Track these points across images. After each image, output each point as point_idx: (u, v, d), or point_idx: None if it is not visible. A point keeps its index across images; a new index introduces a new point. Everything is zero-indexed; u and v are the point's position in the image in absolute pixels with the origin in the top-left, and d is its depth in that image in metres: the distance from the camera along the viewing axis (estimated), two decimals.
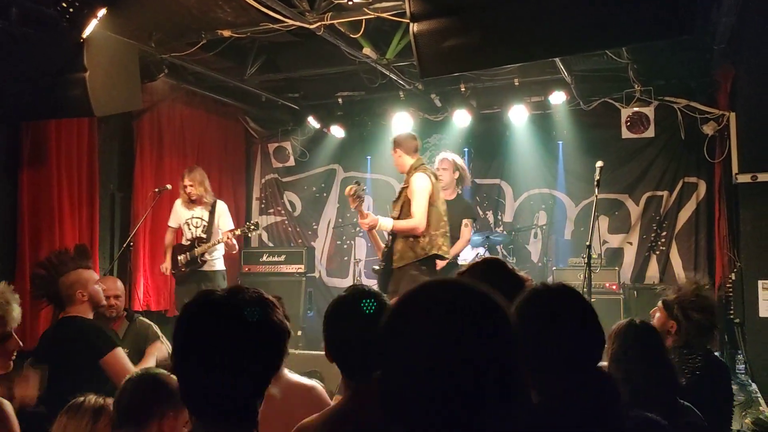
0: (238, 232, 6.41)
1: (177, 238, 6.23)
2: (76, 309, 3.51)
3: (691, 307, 3.12)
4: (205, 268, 6.04)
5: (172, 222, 6.20)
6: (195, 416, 1.38)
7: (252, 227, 6.30)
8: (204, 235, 6.09)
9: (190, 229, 6.13)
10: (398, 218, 4.90)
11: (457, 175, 6.04)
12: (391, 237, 4.98)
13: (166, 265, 6.17)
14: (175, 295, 6.34)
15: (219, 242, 6.06)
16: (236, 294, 1.41)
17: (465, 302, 1.04)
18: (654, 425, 1.85)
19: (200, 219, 6.14)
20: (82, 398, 2.29)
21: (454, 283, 1.12)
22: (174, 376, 2.17)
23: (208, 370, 1.33)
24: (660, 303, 3.30)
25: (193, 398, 1.38)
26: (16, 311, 2.42)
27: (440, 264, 5.08)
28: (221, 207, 6.26)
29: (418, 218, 4.79)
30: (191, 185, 6.06)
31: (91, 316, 3.56)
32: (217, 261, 6.14)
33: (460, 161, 6.16)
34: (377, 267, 5.09)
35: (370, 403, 1.66)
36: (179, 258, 6.05)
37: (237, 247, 6.36)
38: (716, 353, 3.46)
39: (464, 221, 5.94)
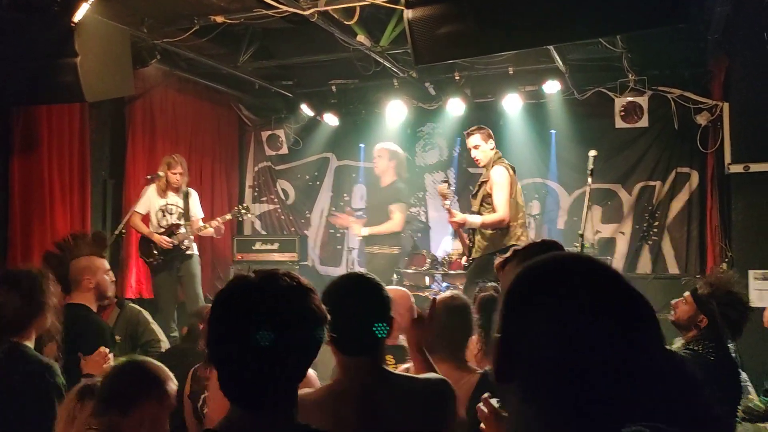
0: (228, 216, 6.50)
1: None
2: (82, 296, 3.47)
3: (728, 304, 3.06)
4: (187, 253, 6.10)
5: (141, 208, 6.06)
6: (233, 403, 1.38)
7: (243, 210, 6.39)
8: (180, 222, 6.09)
9: (165, 216, 6.10)
10: (478, 212, 5.11)
11: (394, 163, 6.33)
12: (471, 231, 5.21)
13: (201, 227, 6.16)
14: (155, 284, 6.20)
15: (209, 226, 6.12)
16: (273, 279, 1.39)
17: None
18: None
19: (175, 206, 6.13)
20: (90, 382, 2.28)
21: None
22: (159, 364, 2.18)
23: (246, 357, 1.33)
24: (688, 294, 3.22)
25: (231, 385, 1.37)
26: None
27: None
28: (194, 194, 6.32)
29: (502, 211, 4.98)
30: (181, 173, 6.08)
31: (95, 306, 3.52)
32: (194, 245, 6.20)
33: (398, 150, 6.45)
34: (465, 263, 5.40)
35: (364, 376, 1.78)
36: (154, 245, 6.02)
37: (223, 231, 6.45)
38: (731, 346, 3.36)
39: (390, 207, 6.20)
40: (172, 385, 2.13)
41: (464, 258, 5.50)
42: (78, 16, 4.36)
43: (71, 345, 3.19)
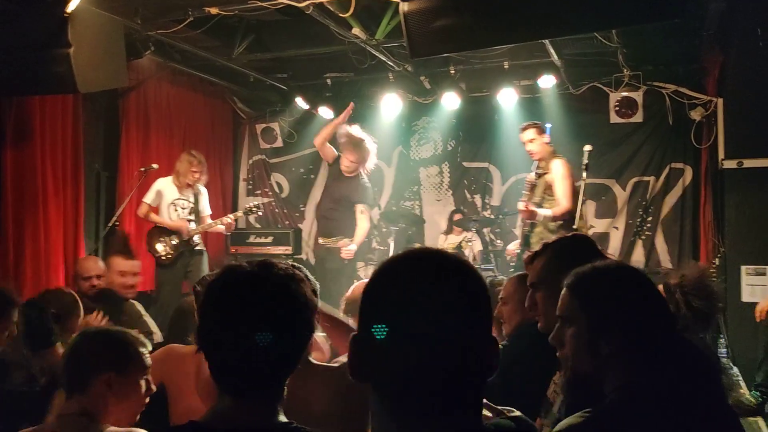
0: (240, 213, 6.67)
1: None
2: None
3: (693, 294, 3.05)
4: (197, 249, 6.13)
5: (152, 200, 6.06)
6: (222, 391, 1.36)
7: (255, 208, 6.49)
8: (191, 217, 6.10)
9: (176, 210, 6.09)
10: (540, 204, 5.30)
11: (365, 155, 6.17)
12: (530, 222, 5.40)
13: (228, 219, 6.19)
14: (159, 278, 6.18)
15: (219, 223, 6.20)
16: (266, 268, 1.39)
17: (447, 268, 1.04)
18: None
19: (187, 201, 6.15)
20: None
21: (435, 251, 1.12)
22: (118, 331, 2.12)
23: (240, 345, 1.32)
24: (661, 286, 3.26)
25: (221, 373, 1.36)
26: None
27: None
28: (204, 191, 6.33)
29: (568, 202, 5.15)
30: (201, 171, 6.11)
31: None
32: (200, 242, 6.22)
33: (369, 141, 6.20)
34: (517, 250, 5.58)
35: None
36: (167, 240, 6.02)
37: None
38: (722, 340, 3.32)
39: (359, 206, 6.08)
40: (134, 349, 2.04)
41: (516, 244, 5.77)
42: (71, 6, 4.33)
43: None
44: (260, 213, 6.62)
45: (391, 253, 6.81)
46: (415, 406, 0.98)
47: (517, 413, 1.32)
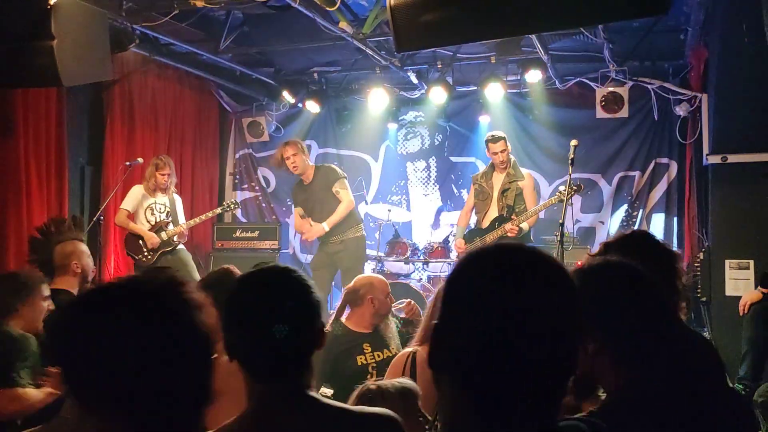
0: (218, 210, 6.67)
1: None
2: (66, 281, 3.49)
3: None
4: (177, 248, 6.19)
5: (129, 206, 6.11)
6: (249, 375, 1.52)
7: (232, 205, 6.51)
8: (168, 219, 6.19)
9: (154, 214, 6.17)
10: (512, 206, 5.83)
11: (306, 155, 6.27)
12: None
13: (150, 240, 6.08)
14: None
15: (199, 221, 6.35)
16: (283, 268, 1.64)
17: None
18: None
19: (164, 205, 6.22)
20: None
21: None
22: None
23: (262, 332, 1.50)
24: None
25: (247, 358, 1.52)
26: None
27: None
28: (179, 200, 6.45)
29: (537, 215, 5.91)
30: (169, 174, 6.15)
31: (77, 291, 3.53)
32: (180, 241, 6.28)
33: (300, 141, 6.39)
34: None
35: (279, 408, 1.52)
36: (145, 243, 6.02)
37: None
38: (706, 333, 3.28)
39: (334, 188, 6.10)
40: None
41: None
42: None
43: None
44: (238, 209, 6.64)
45: (378, 249, 6.82)
46: (502, 400, 0.97)
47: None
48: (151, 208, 6.16)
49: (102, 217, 6.00)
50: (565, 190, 4.96)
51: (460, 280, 1.05)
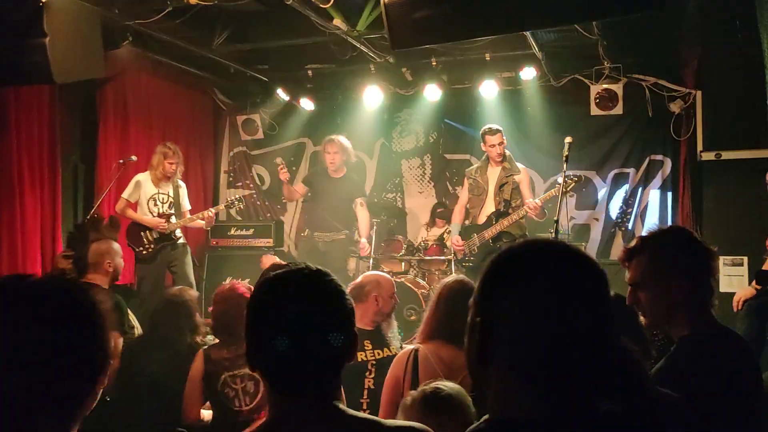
0: (222, 206, 6.58)
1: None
2: (98, 278, 3.56)
3: None
4: (179, 242, 6.07)
5: (132, 196, 5.97)
6: (275, 390, 1.38)
7: (237, 201, 6.45)
8: (171, 211, 6.05)
9: (156, 204, 6.02)
10: (509, 201, 5.78)
11: (345, 156, 6.33)
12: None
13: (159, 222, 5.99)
14: (140, 272, 6.06)
15: (200, 217, 6.12)
16: (316, 270, 1.42)
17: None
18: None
19: (167, 195, 6.07)
20: None
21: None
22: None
23: (293, 344, 1.33)
24: None
25: (274, 371, 1.37)
26: None
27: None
28: (183, 186, 6.28)
29: None
30: (177, 163, 6.03)
31: (107, 287, 3.62)
32: (182, 235, 6.16)
33: (346, 142, 6.38)
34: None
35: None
36: (147, 234, 5.95)
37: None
38: None
39: (357, 200, 6.31)
40: None
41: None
42: None
43: None
44: (242, 206, 6.55)
45: (373, 246, 6.81)
46: (558, 384, 1.06)
47: None
48: (155, 198, 6.00)
49: (96, 216, 5.96)
50: (562, 184, 4.96)
51: (500, 279, 1.12)
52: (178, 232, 6.07)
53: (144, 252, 5.94)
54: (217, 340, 3.37)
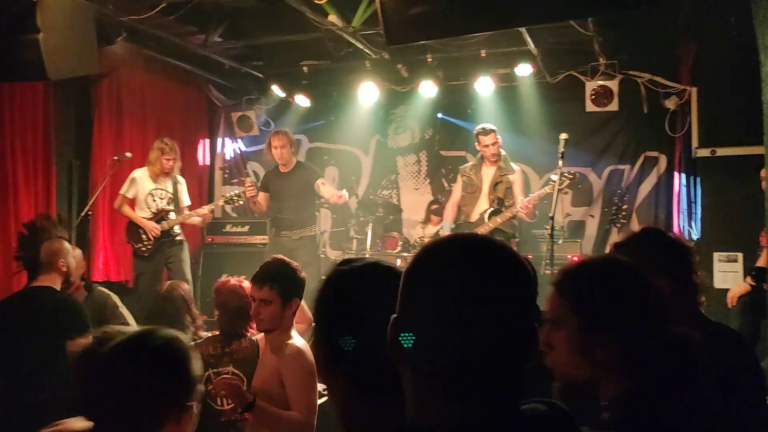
0: (220, 202, 6.57)
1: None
2: (50, 279, 3.46)
3: None
4: (177, 239, 6.05)
5: (129, 192, 5.99)
6: (363, 393, 1.21)
7: (236, 197, 6.36)
8: (170, 207, 6.03)
9: (155, 200, 6.01)
10: (503, 200, 5.82)
11: (294, 148, 6.40)
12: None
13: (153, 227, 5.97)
14: (138, 269, 6.07)
15: (195, 215, 6.12)
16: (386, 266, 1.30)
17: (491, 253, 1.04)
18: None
19: (165, 191, 6.06)
20: None
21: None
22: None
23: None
24: None
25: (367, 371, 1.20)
26: None
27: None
28: (183, 181, 6.24)
29: None
30: (174, 159, 6.01)
31: (59, 288, 3.51)
32: (180, 232, 6.14)
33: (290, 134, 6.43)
34: None
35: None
36: (147, 232, 5.94)
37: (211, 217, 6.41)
38: None
39: (317, 183, 6.23)
40: None
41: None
42: None
43: (53, 327, 3.16)
44: (241, 202, 6.51)
45: (368, 243, 6.81)
46: (465, 385, 0.99)
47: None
48: (152, 194, 6.00)
49: (90, 213, 5.94)
50: (557, 180, 4.97)
51: (415, 275, 1.04)
52: (177, 229, 6.04)
53: (143, 249, 5.94)
54: (208, 334, 3.36)
